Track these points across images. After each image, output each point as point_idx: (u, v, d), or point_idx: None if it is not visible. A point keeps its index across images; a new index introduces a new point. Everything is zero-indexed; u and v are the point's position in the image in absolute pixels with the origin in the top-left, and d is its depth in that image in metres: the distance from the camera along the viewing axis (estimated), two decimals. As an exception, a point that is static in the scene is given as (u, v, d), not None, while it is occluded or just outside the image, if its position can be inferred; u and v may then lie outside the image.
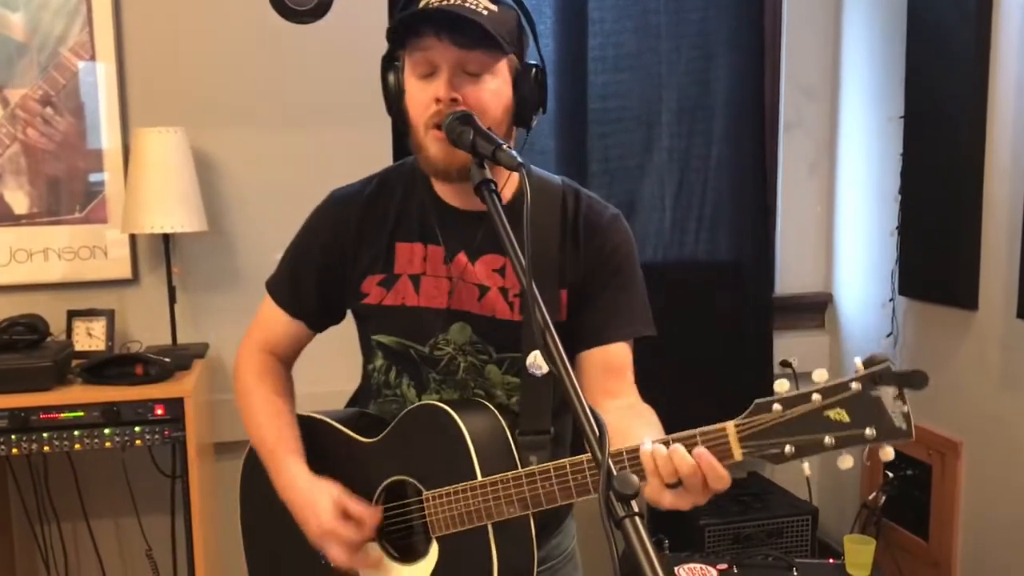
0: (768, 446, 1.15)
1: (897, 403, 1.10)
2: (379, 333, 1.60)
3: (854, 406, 1.11)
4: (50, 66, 2.91)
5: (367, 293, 1.59)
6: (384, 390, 1.63)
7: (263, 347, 1.72)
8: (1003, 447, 2.75)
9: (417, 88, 1.45)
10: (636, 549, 0.91)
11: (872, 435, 1.10)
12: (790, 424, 1.14)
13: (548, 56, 3.24)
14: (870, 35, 3.31)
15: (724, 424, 1.18)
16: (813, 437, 1.12)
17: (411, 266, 1.57)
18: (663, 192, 3.37)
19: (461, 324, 1.55)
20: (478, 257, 1.55)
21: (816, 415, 1.12)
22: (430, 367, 1.57)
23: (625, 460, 1.23)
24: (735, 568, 2.76)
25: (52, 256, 2.95)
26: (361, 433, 1.60)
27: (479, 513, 1.41)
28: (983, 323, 2.80)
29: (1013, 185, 2.64)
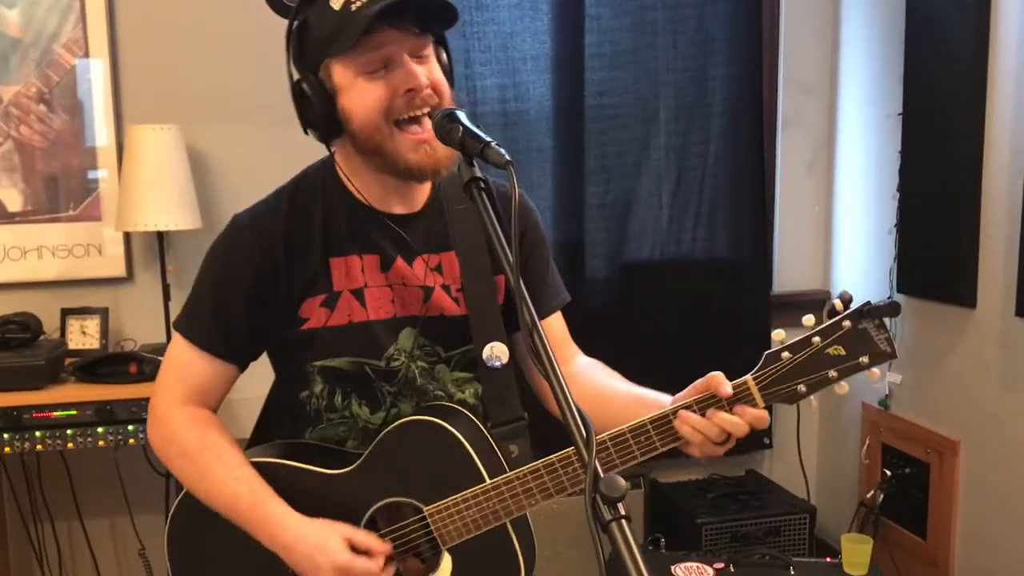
0: (784, 389, 1.32)
1: (880, 331, 1.29)
2: (325, 358, 1.50)
3: (848, 341, 1.30)
4: (43, 63, 2.90)
5: (307, 317, 1.49)
6: (328, 414, 1.54)
7: (187, 400, 1.53)
8: (1001, 446, 2.74)
9: (367, 87, 1.40)
10: (623, 553, 0.90)
11: (866, 362, 1.29)
12: (800, 367, 1.31)
13: (545, 52, 3.24)
14: (868, 32, 3.30)
15: (744, 379, 1.34)
16: (820, 374, 1.30)
17: (350, 280, 1.49)
18: (660, 190, 3.36)
19: (407, 330, 1.51)
20: (414, 258, 1.51)
21: (819, 354, 1.30)
22: (385, 381, 1.52)
23: (651, 430, 1.34)
24: (732, 567, 2.75)
25: (46, 254, 2.94)
26: (324, 466, 1.49)
27: (496, 514, 1.40)
28: (982, 321, 2.79)
29: (1012, 182, 2.63)
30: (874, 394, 3.25)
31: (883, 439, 3.20)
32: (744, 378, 1.34)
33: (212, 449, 1.49)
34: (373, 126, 1.41)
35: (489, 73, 3.20)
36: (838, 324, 1.30)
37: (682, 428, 1.33)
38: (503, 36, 3.21)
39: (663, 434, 1.34)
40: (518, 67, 3.23)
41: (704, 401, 1.34)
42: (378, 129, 1.41)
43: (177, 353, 1.53)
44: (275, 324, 1.50)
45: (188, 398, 1.53)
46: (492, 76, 3.21)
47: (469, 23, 3.17)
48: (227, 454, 1.49)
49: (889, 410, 3.19)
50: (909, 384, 3.12)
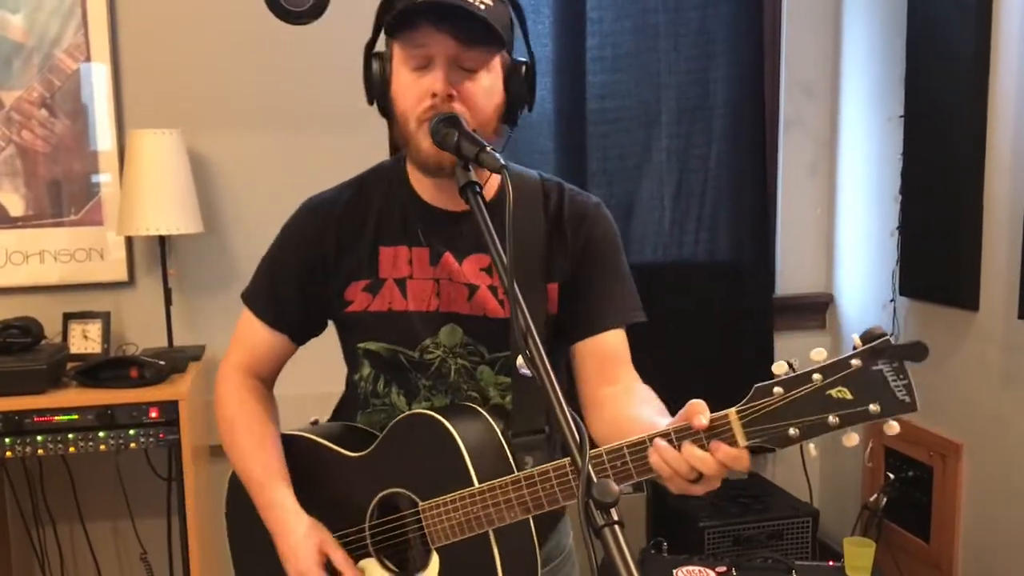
0: (772, 430, 1.13)
1: (900, 376, 1.09)
2: (366, 341, 1.55)
3: (856, 383, 1.10)
4: (45, 68, 2.91)
5: (351, 300, 1.54)
6: (372, 400, 1.59)
7: (243, 368, 1.64)
8: (1004, 448, 2.74)
9: (410, 80, 1.41)
10: (615, 559, 0.89)
11: (877, 411, 1.10)
12: (793, 406, 1.13)
13: (546, 56, 3.24)
14: (870, 33, 3.29)
15: (726, 412, 1.17)
16: (817, 418, 1.11)
17: (396, 270, 1.53)
18: (662, 192, 3.36)
19: (451, 326, 1.52)
20: (465, 256, 1.52)
21: (818, 395, 1.11)
22: (420, 373, 1.54)
23: (627, 458, 1.22)
24: (734, 570, 2.74)
25: (48, 258, 2.94)
26: (349, 448, 1.55)
27: (479, 520, 1.37)
28: (984, 324, 2.78)
29: (1014, 184, 2.63)
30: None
31: (886, 442, 3.19)
32: (727, 411, 1.17)
33: (245, 421, 1.59)
34: (404, 119, 1.43)
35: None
36: (846, 362, 1.11)
37: (652, 458, 1.19)
38: (504, 39, 3.20)
39: (638, 461, 1.21)
40: (520, 70, 3.23)
41: (681, 431, 1.18)
42: (407, 123, 1.43)
43: (242, 321, 1.64)
44: (323, 303, 1.58)
45: (244, 364, 1.64)
46: (492, 79, 3.21)
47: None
48: (258, 430, 1.58)
49: (892, 413, 3.18)
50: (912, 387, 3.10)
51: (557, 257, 1.54)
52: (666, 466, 1.18)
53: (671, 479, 1.19)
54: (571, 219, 1.55)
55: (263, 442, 1.57)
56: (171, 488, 2.93)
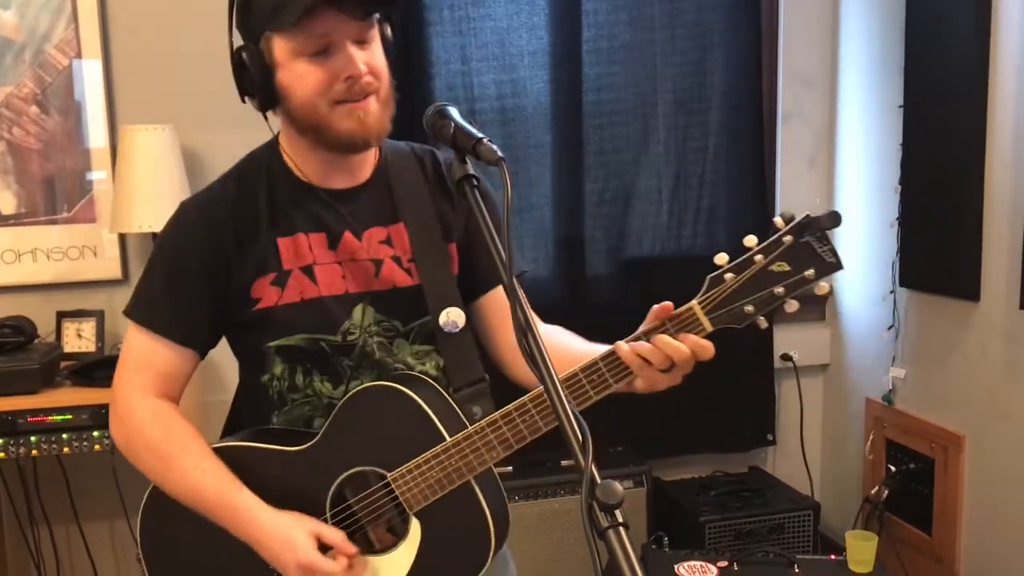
0: (731, 311, 1.30)
1: (823, 243, 1.27)
2: (280, 337, 1.50)
3: (790, 256, 1.27)
4: (36, 64, 2.88)
5: (259, 298, 1.49)
6: (291, 396, 1.54)
7: (148, 391, 1.52)
8: (1006, 440, 2.72)
9: (310, 68, 1.39)
10: (620, 561, 0.87)
11: (812, 275, 1.27)
12: (744, 287, 1.29)
13: (542, 48, 3.22)
14: (869, 23, 3.27)
15: (689, 304, 1.32)
16: (766, 292, 1.28)
17: (299, 259, 1.49)
18: (660, 185, 3.34)
19: (362, 306, 1.51)
20: (363, 231, 1.51)
21: (763, 273, 1.28)
22: (344, 355, 1.52)
23: (603, 368, 1.33)
24: (736, 566, 2.73)
25: (41, 257, 2.92)
26: (286, 445, 1.50)
27: (459, 472, 1.40)
28: (985, 314, 2.77)
29: (1015, 174, 2.61)
30: (878, 389, 3.23)
31: (887, 434, 3.18)
32: (690, 304, 1.32)
33: (177, 441, 1.49)
34: (311, 106, 1.41)
35: (486, 69, 3.18)
36: (779, 240, 1.27)
37: (626, 356, 1.31)
38: (500, 32, 3.18)
39: (613, 368, 1.33)
40: (515, 63, 3.21)
41: (650, 330, 1.33)
42: (315, 109, 1.41)
43: (133, 343, 1.53)
44: (229, 306, 1.50)
45: (149, 388, 1.52)
46: (489, 72, 3.19)
47: (466, 19, 3.15)
48: (193, 446, 1.49)
49: (893, 405, 3.17)
50: (913, 379, 3.10)
51: (448, 218, 1.56)
52: (639, 359, 1.31)
53: (643, 370, 1.31)
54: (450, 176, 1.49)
55: (206, 455, 1.48)
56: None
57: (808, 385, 3.56)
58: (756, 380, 3.47)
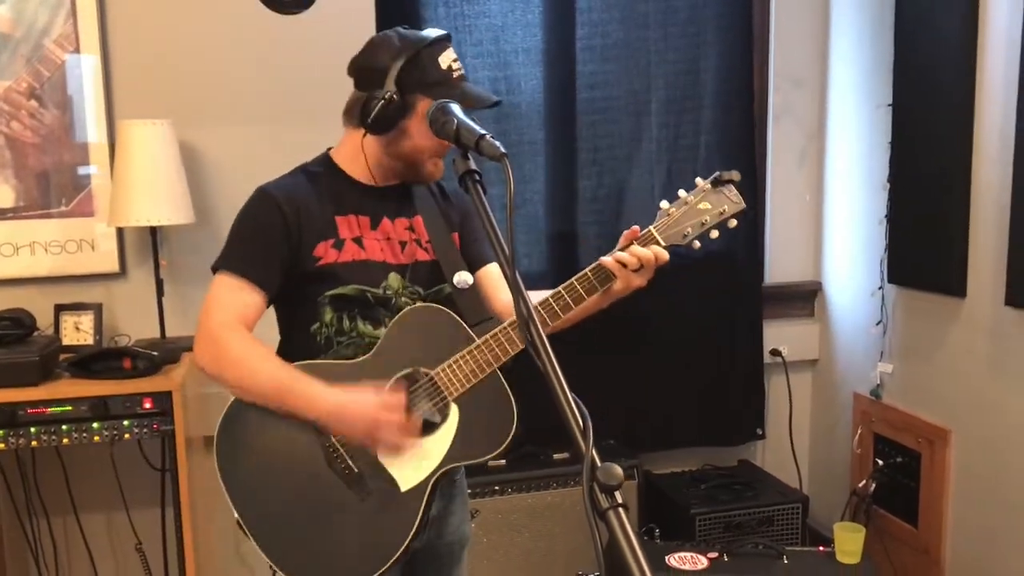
0: (675, 234, 1.78)
1: (731, 191, 1.79)
2: (336, 287, 1.87)
3: (711, 199, 1.78)
4: (34, 58, 2.89)
5: (320, 256, 1.87)
6: (337, 338, 1.89)
7: (231, 323, 1.83)
8: (992, 434, 2.76)
9: (431, 137, 1.70)
10: (620, 540, 0.91)
11: (726, 212, 1.79)
12: (681, 218, 1.79)
13: (536, 46, 3.25)
14: (858, 23, 3.31)
15: (648, 228, 1.79)
16: (697, 220, 1.78)
17: (351, 231, 1.91)
18: (652, 182, 3.37)
19: (394, 274, 1.92)
20: (394, 219, 1.96)
21: (693, 208, 1.79)
22: (382, 306, 1.90)
23: (590, 275, 1.77)
24: (726, 557, 2.77)
25: (39, 250, 2.93)
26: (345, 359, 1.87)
27: (488, 362, 1.78)
28: (972, 310, 2.81)
29: (1001, 172, 2.65)
30: (866, 384, 3.27)
31: (875, 428, 3.22)
32: (648, 227, 1.79)
33: (257, 352, 1.82)
34: (422, 154, 1.89)
35: (481, 66, 3.21)
36: (701, 188, 1.79)
37: (607, 263, 1.75)
38: (494, 29, 3.21)
39: (597, 274, 1.76)
40: (510, 60, 3.24)
41: (623, 247, 1.79)
42: (422, 157, 1.89)
43: (220, 287, 1.86)
44: (298, 261, 1.86)
45: (230, 320, 1.83)
46: (484, 69, 3.22)
47: (461, 16, 3.18)
48: (270, 355, 1.84)
49: (881, 400, 3.21)
50: (900, 374, 3.14)
51: (449, 213, 2.02)
52: (618, 264, 1.75)
53: (620, 271, 1.75)
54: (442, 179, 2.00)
55: (280, 361, 1.82)
56: (165, 479, 2.93)
57: (797, 380, 3.60)
58: (746, 375, 3.50)
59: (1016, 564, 2.70)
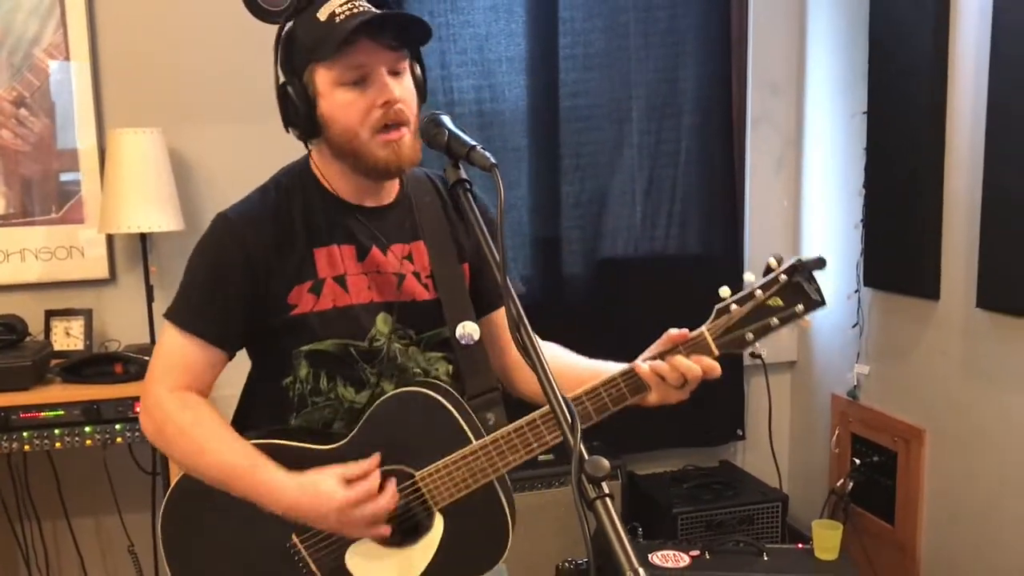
0: (734, 337, 1.48)
1: (811, 283, 1.46)
2: (312, 342, 1.58)
3: (784, 293, 1.46)
4: (24, 67, 2.92)
5: (295, 304, 1.57)
6: (313, 399, 1.61)
7: (178, 386, 1.58)
8: (965, 433, 2.83)
9: (350, 96, 1.49)
10: (607, 528, 0.96)
11: (801, 310, 1.46)
12: (746, 317, 1.47)
13: (520, 54, 3.30)
14: (834, 33, 3.38)
15: (700, 330, 1.50)
16: (764, 322, 1.47)
17: (332, 268, 1.59)
18: (634, 188, 3.43)
19: (384, 315, 1.61)
20: (388, 247, 1.62)
21: (761, 306, 1.46)
22: (367, 362, 1.61)
23: (621, 384, 1.49)
24: (707, 554, 2.82)
25: (29, 256, 2.96)
26: (315, 443, 1.58)
27: (484, 472, 1.51)
28: (945, 312, 2.87)
29: (972, 179, 2.71)
30: (843, 385, 3.33)
31: (852, 429, 3.28)
32: (700, 329, 1.49)
33: (207, 425, 1.56)
34: (351, 133, 1.51)
35: (465, 75, 3.26)
36: (775, 279, 1.46)
37: (644, 372, 1.48)
38: (479, 38, 3.26)
39: (630, 383, 1.49)
40: (494, 69, 3.29)
41: (666, 352, 1.50)
42: (356, 135, 1.51)
43: (168, 342, 1.60)
44: (265, 310, 1.57)
45: (179, 384, 1.58)
46: (468, 78, 3.27)
47: (445, 25, 3.22)
48: (221, 429, 1.57)
49: (858, 400, 3.27)
50: (876, 375, 3.20)
51: (461, 240, 1.69)
52: (656, 376, 1.48)
53: (659, 387, 1.49)
54: None
55: (235, 438, 1.56)
56: (155, 482, 2.97)
57: (776, 382, 3.66)
58: (726, 377, 3.54)
59: (988, 559, 2.76)
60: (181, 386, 1.58)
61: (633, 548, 0.93)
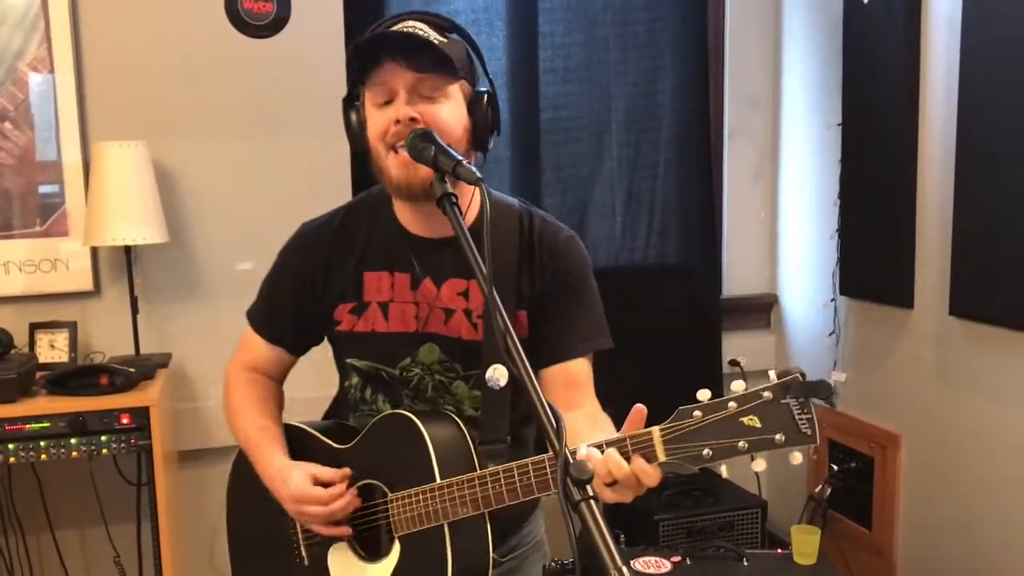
0: (688, 448, 1.24)
1: (804, 411, 1.20)
2: (352, 357, 1.70)
3: (765, 413, 1.20)
4: (8, 81, 2.93)
5: (339, 321, 1.68)
6: (361, 405, 1.73)
7: (248, 367, 1.80)
8: (940, 438, 2.88)
9: (377, 115, 1.55)
10: (592, 529, 1.00)
11: (782, 440, 1.20)
12: (708, 428, 1.23)
13: (500, 68, 3.34)
14: (809, 48, 3.43)
15: (651, 429, 1.28)
16: (728, 441, 1.22)
17: (379, 294, 1.65)
18: (614, 199, 3.47)
19: (429, 345, 1.64)
20: (443, 282, 1.63)
21: (731, 421, 1.22)
22: (402, 386, 1.68)
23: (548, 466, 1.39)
24: (688, 560, 2.85)
25: (13, 269, 2.96)
26: (337, 440, 1.70)
27: (436, 513, 1.51)
28: (919, 320, 2.92)
29: (944, 189, 2.77)
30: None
31: (829, 435, 3.32)
32: (651, 428, 1.28)
33: (249, 398, 1.77)
34: (375, 150, 1.57)
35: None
36: (758, 393, 1.22)
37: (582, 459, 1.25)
38: (460, 52, 3.29)
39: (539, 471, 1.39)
40: (475, 82, 3.32)
41: (614, 441, 1.30)
42: (377, 153, 1.56)
43: (247, 332, 1.81)
44: (315, 321, 1.72)
45: (249, 364, 1.81)
46: (450, 91, 3.29)
47: (427, 40, 3.25)
48: (258, 407, 1.76)
49: (834, 407, 3.31)
50: (853, 382, 3.25)
51: (525, 286, 1.64)
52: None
53: None
54: (541, 248, 1.65)
55: (263, 413, 1.74)
56: (140, 493, 2.97)
57: (755, 389, 3.69)
58: (705, 385, 3.58)
59: (964, 562, 2.81)
60: (250, 364, 1.80)
61: (617, 549, 0.96)
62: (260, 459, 1.69)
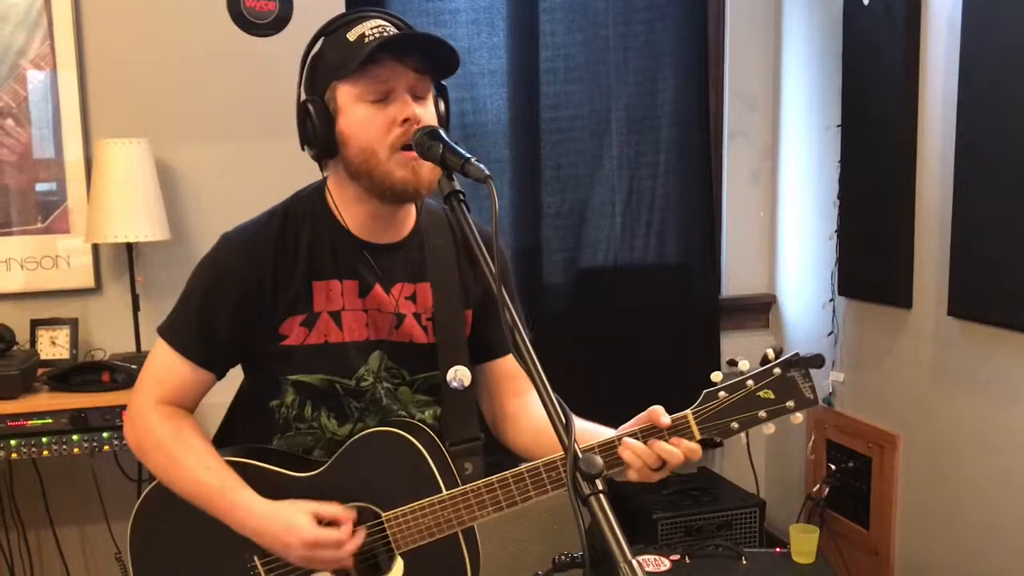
0: (719, 425, 1.45)
1: (806, 380, 1.45)
2: (299, 372, 1.59)
3: (776, 386, 1.44)
4: (11, 78, 2.94)
5: (287, 335, 1.57)
6: (296, 424, 1.62)
7: (162, 400, 1.60)
8: (937, 439, 2.88)
9: (370, 113, 1.50)
10: (601, 523, 1.01)
11: (792, 406, 1.44)
12: (734, 406, 1.45)
13: (501, 67, 3.35)
14: (808, 49, 3.44)
15: (684, 413, 1.45)
16: (751, 413, 1.45)
17: (330, 303, 1.58)
18: (613, 199, 3.48)
19: (378, 352, 1.61)
20: (391, 286, 1.61)
21: (752, 396, 1.44)
22: (353, 398, 1.61)
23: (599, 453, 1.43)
24: (687, 559, 2.85)
25: (15, 266, 2.97)
26: (291, 469, 1.58)
27: (450, 523, 1.49)
28: (917, 321, 2.93)
29: (942, 190, 2.78)
30: (819, 392, 3.38)
31: (828, 435, 3.34)
32: (684, 412, 1.45)
33: (185, 441, 1.57)
34: (369, 151, 1.50)
35: (448, 87, 3.29)
36: (770, 371, 1.44)
37: (624, 453, 1.43)
38: (461, 52, 3.23)
39: (607, 458, 1.43)
40: (476, 81, 3.34)
41: (647, 431, 1.44)
42: (373, 153, 1.50)
43: (158, 357, 1.62)
44: (256, 338, 1.58)
45: (164, 399, 1.60)
46: (450, 90, 3.27)
47: (428, 39, 3.26)
48: (199, 446, 1.58)
49: (833, 407, 3.33)
50: (851, 382, 3.26)
51: (469, 285, 1.67)
52: (637, 458, 1.43)
53: (639, 469, 1.43)
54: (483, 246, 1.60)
55: (210, 454, 1.57)
56: (141, 489, 2.96)
57: (753, 389, 3.70)
58: (705, 386, 3.60)
59: (960, 563, 2.82)
60: (166, 400, 1.60)
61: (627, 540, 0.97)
62: (232, 506, 1.52)
